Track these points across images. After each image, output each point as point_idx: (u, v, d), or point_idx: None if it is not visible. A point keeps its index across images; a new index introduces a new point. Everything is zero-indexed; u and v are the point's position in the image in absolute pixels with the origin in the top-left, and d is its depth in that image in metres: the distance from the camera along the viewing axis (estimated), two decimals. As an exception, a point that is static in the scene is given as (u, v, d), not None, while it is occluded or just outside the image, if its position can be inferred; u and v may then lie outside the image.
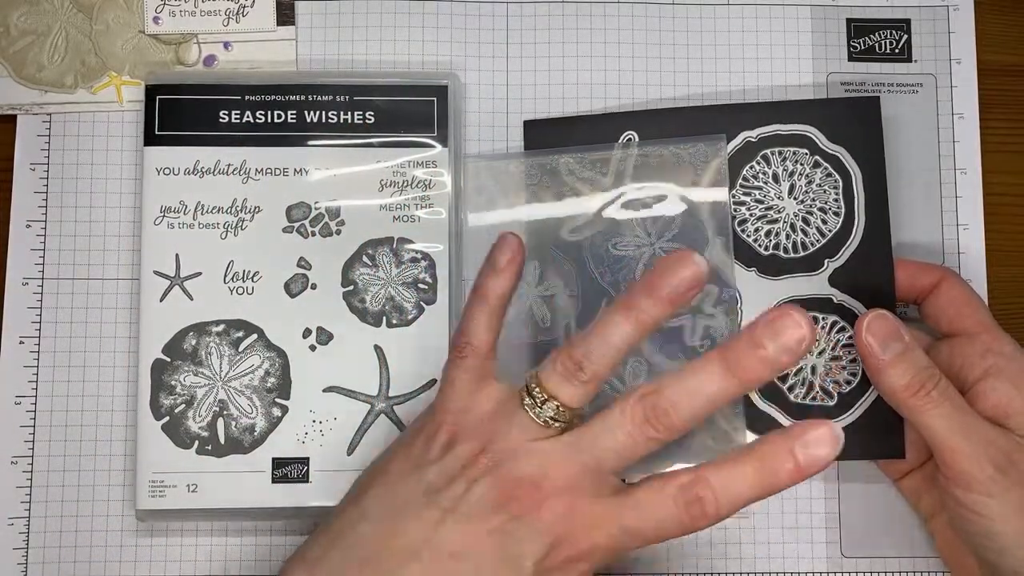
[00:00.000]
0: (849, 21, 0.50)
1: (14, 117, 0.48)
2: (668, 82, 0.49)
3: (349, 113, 0.47)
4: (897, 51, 0.50)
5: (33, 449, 0.46)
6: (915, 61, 0.50)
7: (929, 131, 0.49)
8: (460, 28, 0.49)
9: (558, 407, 0.36)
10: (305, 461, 0.45)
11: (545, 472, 0.36)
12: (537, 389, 0.37)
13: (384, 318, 0.46)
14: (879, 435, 0.45)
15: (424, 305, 0.46)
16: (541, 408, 0.37)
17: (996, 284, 0.49)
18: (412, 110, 0.47)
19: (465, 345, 0.39)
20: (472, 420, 0.37)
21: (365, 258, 0.46)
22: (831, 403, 0.45)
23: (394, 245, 0.46)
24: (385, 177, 0.46)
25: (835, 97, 0.49)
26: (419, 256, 0.46)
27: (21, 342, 0.47)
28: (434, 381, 0.45)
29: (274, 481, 0.45)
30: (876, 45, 0.50)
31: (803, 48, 0.50)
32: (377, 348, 0.46)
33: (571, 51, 0.49)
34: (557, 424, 0.37)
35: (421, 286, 0.46)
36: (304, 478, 0.45)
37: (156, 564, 0.46)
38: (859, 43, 0.50)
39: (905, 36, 0.50)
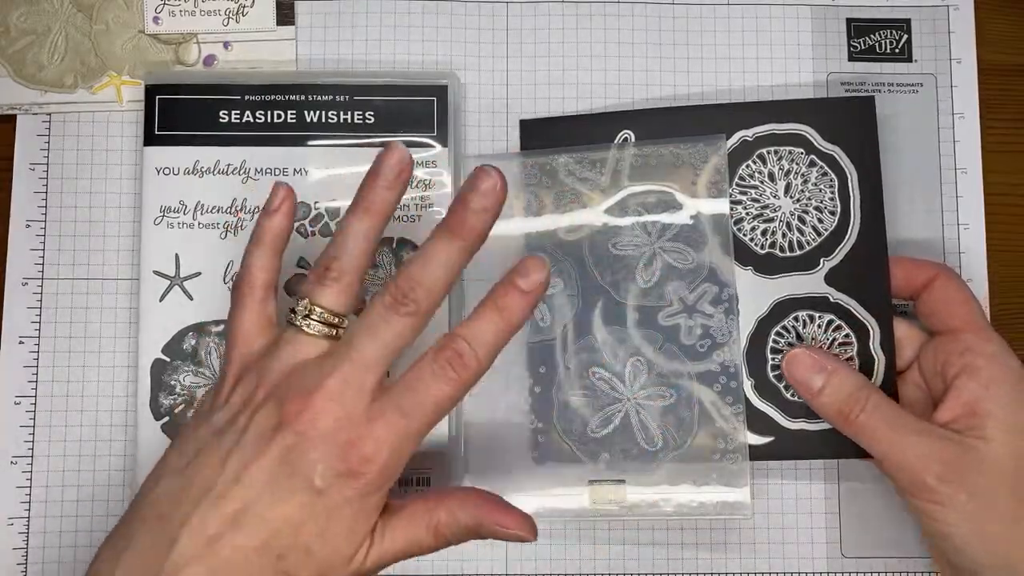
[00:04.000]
0: (849, 21, 0.50)
1: (14, 117, 0.48)
2: (668, 82, 0.49)
3: (349, 113, 0.47)
4: (897, 51, 0.50)
5: (33, 449, 0.46)
6: (915, 61, 0.50)
7: (929, 131, 0.49)
8: (460, 28, 0.49)
9: (321, 312, 0.38)
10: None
11: (317, 382, 0.36)
12: (300, 303, 0.38)
13: (384, 318, 0.46)
14: None
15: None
16: (307, 320, 0.38)
17: (997, 284, 0.49)
18: (412, 110, 0.47)
19: (242, 285, 0.40)
20: (253, 357, 0.39)
21: (365, 258, 0.46)
22: None
23: (394, 245, 0.46)
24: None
25: (831, 97, 0.49)
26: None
27: (21, 342, 0.47)
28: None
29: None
30: (876, 45, 0.50)
31: (803, 48, 0.50)
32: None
33: (571, 51, 0.49)
34: (325, 330, 0.38)
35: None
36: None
37: (156, 564, 0.46)
38: (859, 43, 0.50)
39: (905, 36, 0.50)
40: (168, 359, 0.46)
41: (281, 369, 0.37)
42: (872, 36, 0.50)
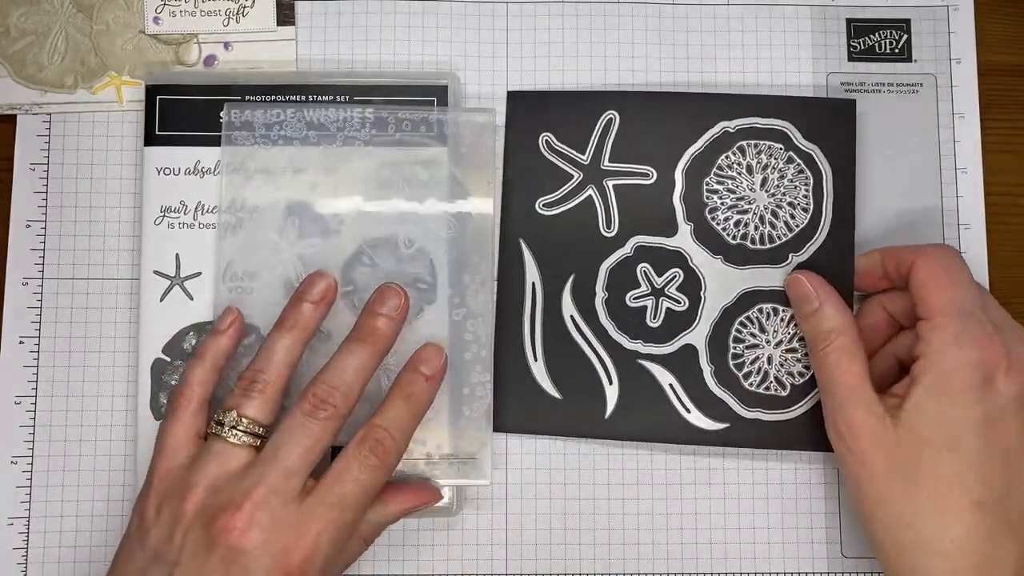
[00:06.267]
0: (849, 21, 0.50)
1: (14, 117, 0.48)
2: (668, 82, 0.49)
3: (349, 113, 0.47)
4: (897, 51, 0.50)
5: (33, 449, 0.46)
6: (915, 61, 0.50)
7: (929, 131, 0.49)
8: (460, 28, 0.49)
9: (248, 423, 0.40)
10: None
11: (244, 492, 0.38)
12: (224, 414, 0.40)
13: (384, 318, 0.46)
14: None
15: (424, 305, 0.46)
16: (233, 430, 0.40)
17: (997, 284, 0.49)
18: (412, 110, 0.47)
19: (180, 397, 0.42)
20: (179, 472, 0.40)
21: (364, 258, 0.46)
22: (784, 393, 0.46)
23: (394, 245, 0.46)
24: (385, 176, 0.46)
25: (814, 96, 0.49)
26: (419, 255, 0.46)
27: (21, 342, 0.47)
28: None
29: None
30: (876, 45, 0.50)
31: (803, 48, 0.50)
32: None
33: (571, 51, 0.49)
34: (249, 440, 0.40)
35: (421, 285, 0.46)
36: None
37: (156, 564, 0.46)
38: (859, 43, 0.50)
39: (905, 36, 0.50)
40: (168, 359, 0.46)
41: (208, 483, 0.39)
42: (872, 36, 0.50)
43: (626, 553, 0.47)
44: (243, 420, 0.40)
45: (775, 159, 0.47)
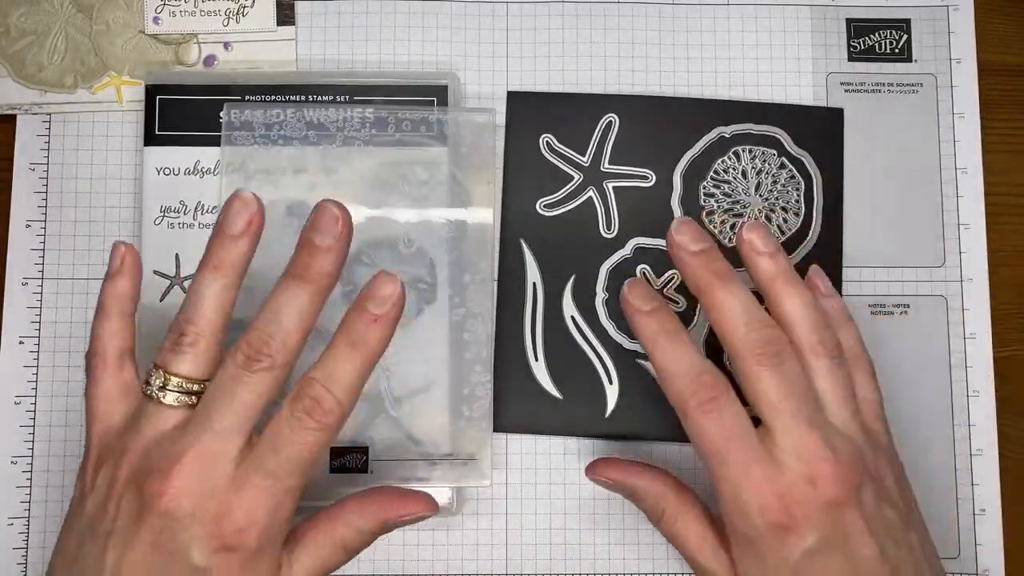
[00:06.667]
0: (849, 21, 0.50)
1: (14, 117, 0.48)
2: (668, 82, 0.49)
3: (349, 113, 0.47)
4: (897, 51, 0.50)
5: (33, 449, 0.46)
6: (915, 61, 0.50)
7: (929, 131, 0.49)
8: (460, 28, 0.49)
9: (178, 382, 0.36)
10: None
11: (175, 458, 0.34)
12: (154, 373, 0.36)
13: (384, 318, 0.46)
14: None
15: (424, 305, 0.46)
16: (163, 391, 0.36)
17: (997, 284, 0.49)
18: (412, 110, 0.47)
19: (93, 357, 0.38)
20: (113, 432, 0.37)
21: (364, 258, 0.46)
22: None
23: (394, 244, 0.46)
24: (385, 176, 0.46)
25: (804, 105, 0.49)
26: (419, 255, 0.46)
27: (21, 342, 0.47)
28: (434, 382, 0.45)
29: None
30: (876, 45, 0.50)
31: (803, 48, 0.50)
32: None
33: (571, 51, 0.49)
34: (184, 399, 0.36)
35: (421, 286, 0.46)
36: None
37: (156, 564, 0.46)
38: (859, 43, 0.50)
39: (905, 36, 0.50)
40: (168, 359, 0.45)
41: (141, 445, 0.35)
42: (872, 36, 0.50)
43: (626, 553, 0.47)
44: (172, 379, 0.36)
45: (769, 164, 0.48)
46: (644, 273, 0.47)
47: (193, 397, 0.36)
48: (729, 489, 0.37)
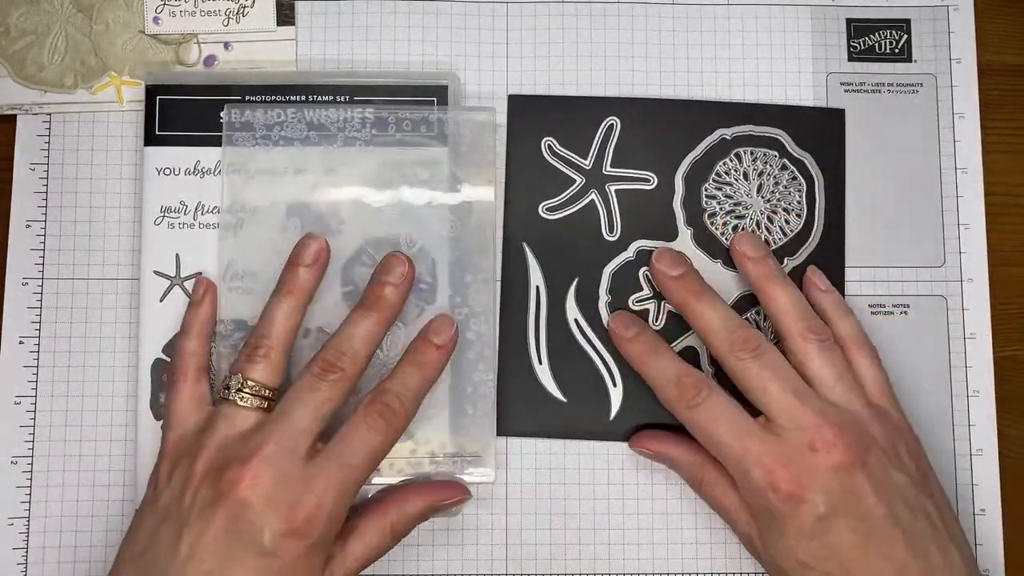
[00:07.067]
0: (849, 21, 0.50)
1: (14, 117, 0.48)
2: (668, 82, 0.49)
3: (349, 113, 0.47)
4: (897, 51, 0.50)
5: (33, 449, 0.46)
6: (915, 61, 0.50)
7: (929, 131, 0.49)
8: (460, 28, 0.49)
9: (253, 386, 0.41)
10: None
11: (253, 450, 0.39)
12: (232, 379, 0.42)
13: (384, 318, 0.46)
14: None
15: (424, 305, 0.46)
16: (240, 393, 0.41)
17: (997, 284, 0.49)
18: (412, 110, 0.47)
19: (175, 371, 0.43)
20: (187, 437, 0.42)
21: (365, 258, 0.46)
22: None
23: (395, 244, 0.46)
24: (386, 176, 0.46)
25: (805, 105, 0.49)
26: (420, 255, 0.46)
27: (21, 342, 0.47)
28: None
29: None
30: (876, 45, 0.50)
31: (803, 48, 0.50)
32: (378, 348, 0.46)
33: (571, 51, 0.49)
34: (257, 402, 0.41)
35: (421, 286, 0.46)
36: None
37: (156, 564, 0.46)
38: (859, 43, 0.50)
39: (905, 36, 0.50)
40: (169, 359, 0.45)
41: (217, 443, 0.40)
42: (872, 36, 0.50)
43: (626, 553, 0.47)
44: (248, 383, 0.41)
45: (770, 166, 0.48)
46: (647, 275, 0.47)
47: (265, 402, 0.41)
48: (738, 470, 0.41)
